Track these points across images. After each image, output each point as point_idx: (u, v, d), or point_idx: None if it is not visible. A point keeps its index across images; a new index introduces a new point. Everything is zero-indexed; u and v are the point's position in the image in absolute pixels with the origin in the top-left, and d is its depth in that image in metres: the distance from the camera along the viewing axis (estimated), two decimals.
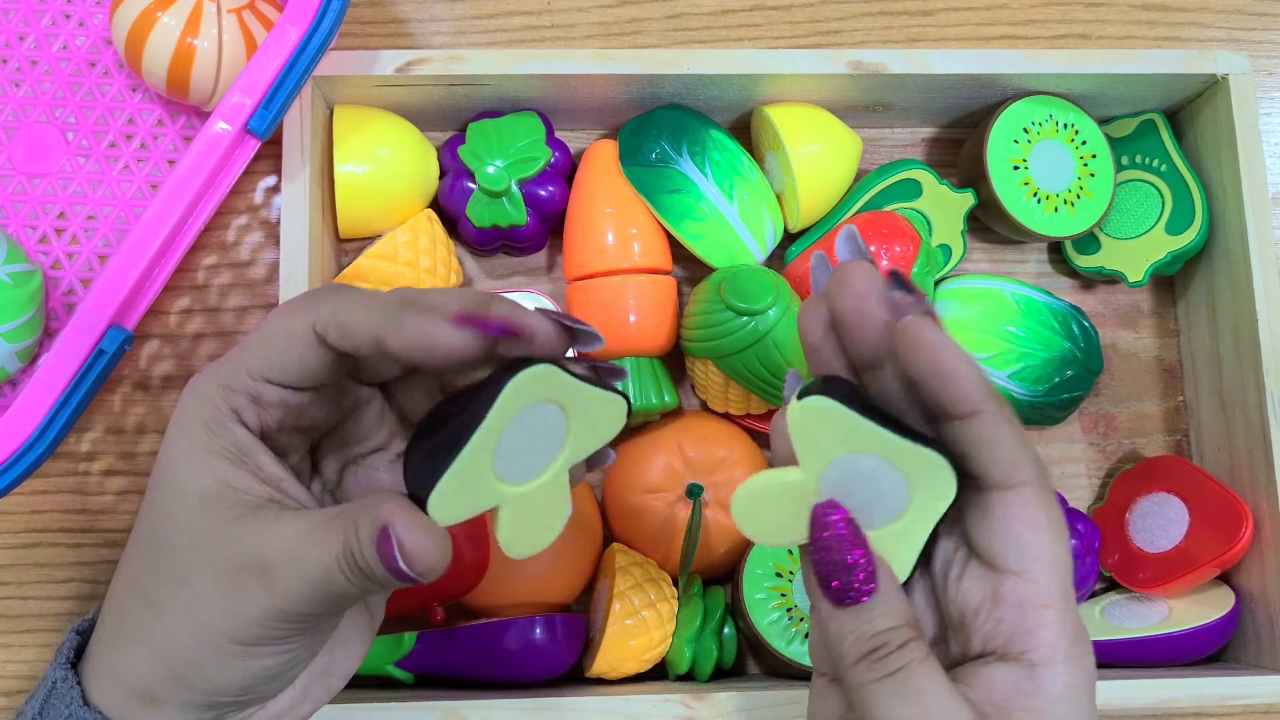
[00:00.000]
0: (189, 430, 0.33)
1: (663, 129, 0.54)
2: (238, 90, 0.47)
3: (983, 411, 0.30)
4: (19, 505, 0.55)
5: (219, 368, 0.33)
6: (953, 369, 0.30)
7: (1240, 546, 0.52)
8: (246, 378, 0.32)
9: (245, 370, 0.32)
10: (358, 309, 0.31)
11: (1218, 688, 0.50)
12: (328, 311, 0.32)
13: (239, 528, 0.32)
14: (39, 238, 0.56)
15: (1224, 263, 0.55)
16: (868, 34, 0.61)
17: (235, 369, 0.33)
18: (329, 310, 0.32)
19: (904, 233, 0.53)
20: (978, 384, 0.30)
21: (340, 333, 0.31)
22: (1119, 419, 0.59)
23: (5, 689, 0.54)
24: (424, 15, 0.60)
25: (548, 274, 0.58)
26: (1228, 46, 0.62)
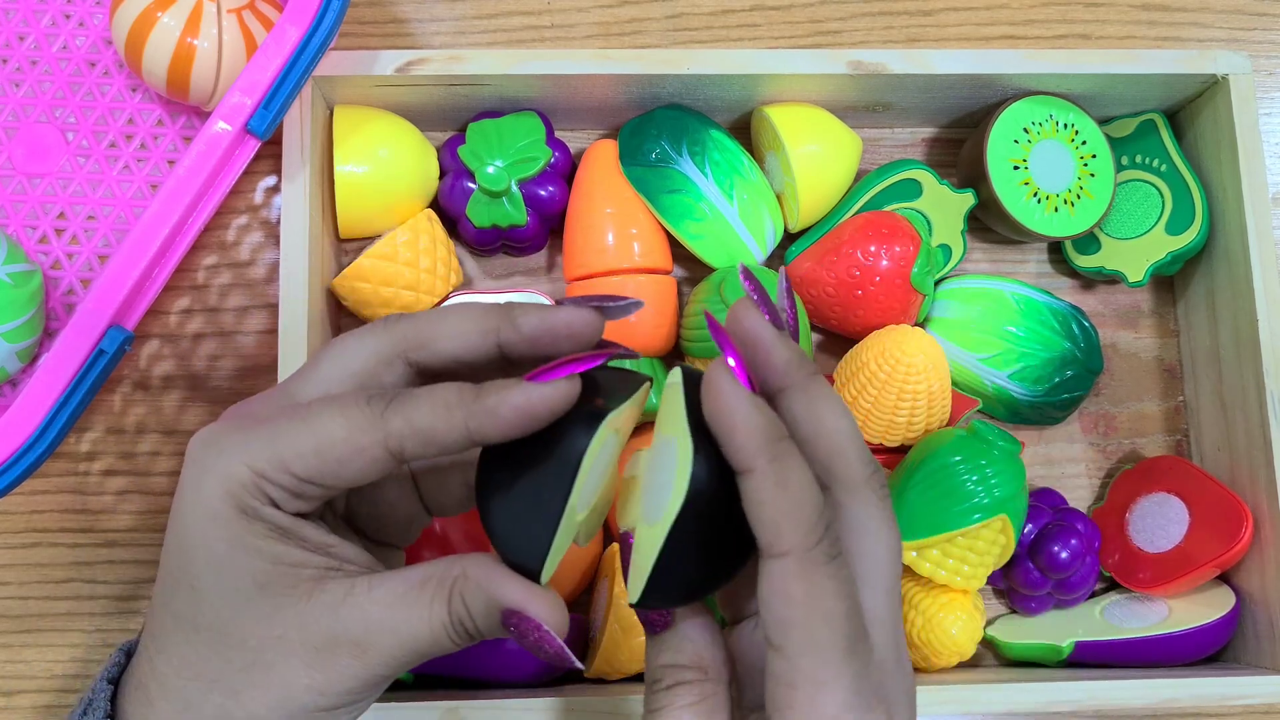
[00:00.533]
0: (219, 516, 0.31)
1: (663, 129, 0.54)
2: (238, 90, 0.47)
3: (751, 471, 0.28)
4: (19, 505, 0.55)
5: (246, 446, 0.31)
6: (728, 425, 0.28)
7: (1240, 546, 0.52)
8: (289, 476, 0.31)
9: (290, 471, 0.31)
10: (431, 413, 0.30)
11: (1218, 688, 0.50)
12: (401, 427, 0.30)
13: (313, 606, 0.31)
14: (39, 238, 0.56)
15: (1224, 263, 0.55)
16: (868, 34, 0.61)
17: (274, 465, 0.30)
18: (402, 426, 0.30)
19: (904, 233, 0.53)
20: (754, 440, 0.28)
21: (422, 444, 0.30)
22: (1119, 419, 0.59)
23: (5, 689, 0.54)
24: (424, 15, 0.60)
25: (548, 274, 0.58)
26: (1228, 46, 0.62)
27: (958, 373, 0.55)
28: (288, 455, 0.30)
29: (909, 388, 0.51)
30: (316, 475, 0.31)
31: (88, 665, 0.54)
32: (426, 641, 0.31)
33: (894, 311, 0.53)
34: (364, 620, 0.31)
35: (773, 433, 0.28)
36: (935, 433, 0.53)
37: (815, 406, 0.30)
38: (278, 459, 0.30)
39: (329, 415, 0.31)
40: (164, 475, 0.56)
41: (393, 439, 0.30)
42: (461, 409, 0.30)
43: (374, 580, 0.32)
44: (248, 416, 0.32)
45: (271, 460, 0.30)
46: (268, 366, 0.57)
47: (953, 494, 0.50)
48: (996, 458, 0.50)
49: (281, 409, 0.32)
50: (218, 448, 0.31)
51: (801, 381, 0.30)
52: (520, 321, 0.32)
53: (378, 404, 0.31)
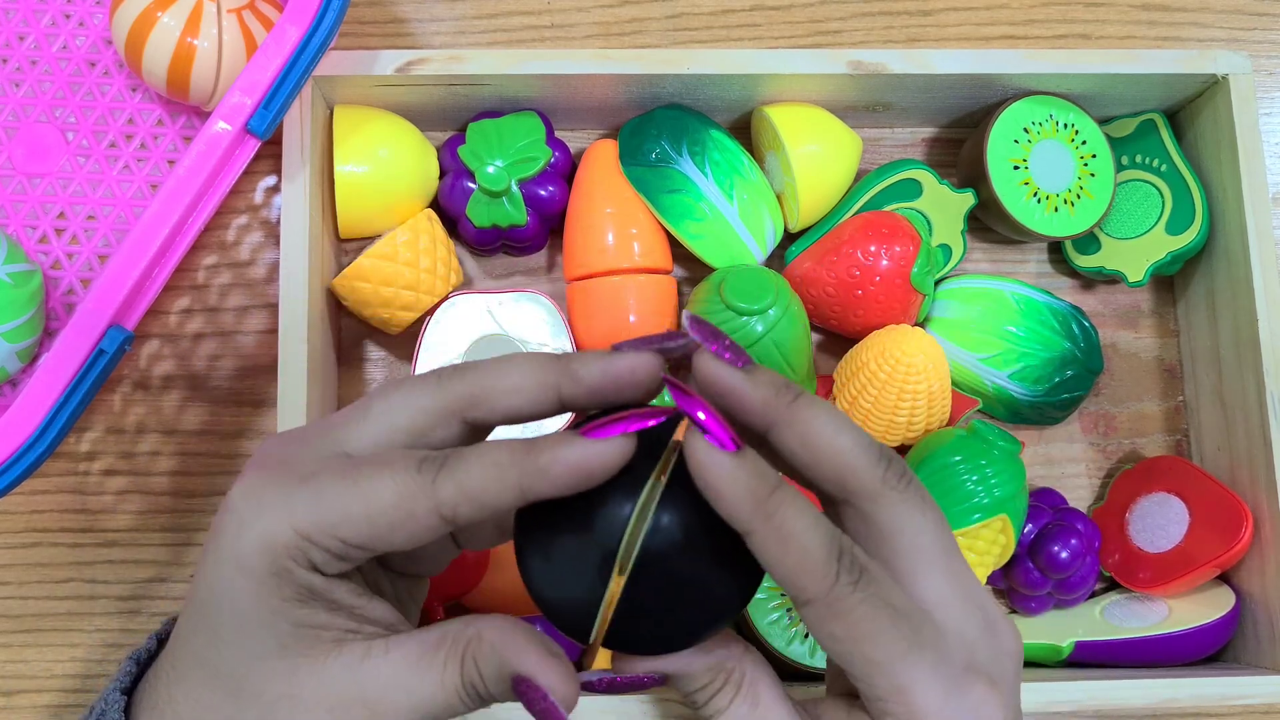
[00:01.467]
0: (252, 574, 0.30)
1: (663, 129, 0.54)
2: (238, 90, 0.47)
3: (750, 534, 0.29)
4: (19, 505, 0.55)
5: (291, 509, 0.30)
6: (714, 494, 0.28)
7: (1240, 546, 0.52)
8: (338, 543, 0.30)
9: (338, 535, 0.30)
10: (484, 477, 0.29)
11: (1218, 688, 0.50)
12: (452, 493, 0.29)
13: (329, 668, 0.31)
14: (39, 238, 0.56)
15: (1224, 263, 0.55)
16: (868, 34, 0.61)
17: (321, 527, 0.30)
18: (453, 491, 0.29)
19: (904, 233, 0.53)
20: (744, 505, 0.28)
21: (475, 508, 0.30)
22: (1119, 419, 0.59)
23: (5, 689, 0.54)
24: (424, 15, 0.60)
25: (548, 274, 0.58)
26: (1228, 46, 0.62)
27: (958, 373, 0.55)
28: (336, 520, 0.30)
29: (909, 388, 0.51)
30: (366, 542, 0.30)
31: (88, 665, 0.54)
32: (439, 704, 0.31)
33: (894, 311, 0.53)
34: (378, 682, 0.31)
35: (761, 491, 0.28)
36: (935, 433, 0.53)
37: (806, 433, 0.30)
38: (325, 523, 0.30)
39: (379, 481, 0.30)
40: (164, 475, 0.56)
41: (446, 506, 0.30)
42: (515, 469, 0.29)
43: (391, 643, 0.31)
44: (290, 468, 0.31)
45: (318, 524, 0.30)
46: (268, 366, 0.57)
47: (953, 494, 0.50)
48: (996, 458, 0.50)
49: (326, 465, 0.31)
50: (260, 502, 0.30)
51: (785, 413, 0.30)
52: (581, 374, 0.31)
53: (429, 470, 0.30)
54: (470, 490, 0.29)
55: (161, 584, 0.55)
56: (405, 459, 0.30)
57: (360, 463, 0.31)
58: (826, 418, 0.30)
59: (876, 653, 0.29)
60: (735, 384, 0.30)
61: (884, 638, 0.29)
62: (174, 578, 0.55)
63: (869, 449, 0.31)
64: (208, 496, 0.56)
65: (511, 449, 0.29)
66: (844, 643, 0.29)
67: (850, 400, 0.53)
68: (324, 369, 0.53)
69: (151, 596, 0.55)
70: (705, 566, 0.30)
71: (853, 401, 0.53)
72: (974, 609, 0.31)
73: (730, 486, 0.28)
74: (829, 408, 0.31)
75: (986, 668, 0.31)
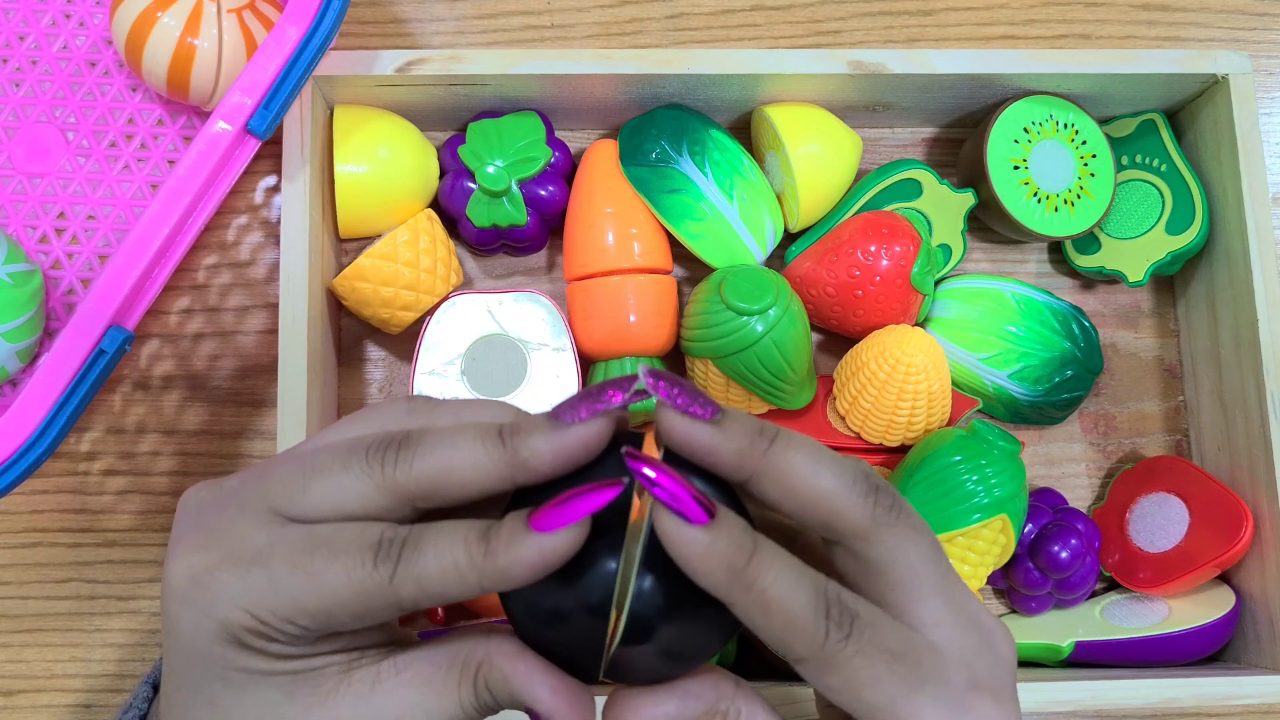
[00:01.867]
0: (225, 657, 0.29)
1: (663, 129, 0.54)
2: (238, 90, 0.47)
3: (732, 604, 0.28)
4: (19, 505, 0.55)
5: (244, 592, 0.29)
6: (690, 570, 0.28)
7: (1240, 546, 0.52)
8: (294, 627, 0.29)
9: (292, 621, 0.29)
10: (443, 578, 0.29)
11: (1218, 688, 0.50)
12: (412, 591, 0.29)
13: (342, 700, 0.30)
14: (39, 238, 0.56)
15: (1224, 263, 0.55)
16: (867, 34, 0.61)
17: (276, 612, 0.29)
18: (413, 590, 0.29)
19: (904, 233, 0.53)
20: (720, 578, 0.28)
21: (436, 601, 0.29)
22: (1119, 419, 0.59)
23: (5, 689, 0.54)
24: (424, 15, 0.60)
25: (548, 274, 0.58)
26: (1228, 46, 0.62)
27: (958, 372, 0.55)
28: (291, 610, 0.29)
29: (909, 387, 0.51)
30: (325, 628, 0.30)
31: (87, 665, 0.54)
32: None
33: (894, 311, 0.53)
34: (395, 705, 0.30)
35: (737, 562, 0.28)
36: (935, 432, 0.53)
37: (786, 482, 0.29)
38: (280, 612, 0.29)
39: (333, 572, 0.29)
40: (164, 475, 0.56)
41: (406, 602, 0.29)
42: (474, 572, 0.29)
43: (398, 663, 0.31)
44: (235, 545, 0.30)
45: (275, 611, 0.29)
46: (268, 366, 0.57)
47: (953, 494, 0.50)
48: (996, 457, 0.50)
49: (275, 545, 0.29)
50: (209, 590, 0.29)
51: (762, 463, 0.29)
52: (533, 464, 0.29)
53: (385, 565, 0.29)
54: (429, 589, 0.29)
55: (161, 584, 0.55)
56: (358, 547, 0.29)
57: (312, 546, 0.29)
58: (805, 460, 0.29)
59: (878, 697, 0.29)
60: (706, 441, 0.29)
61: (883, 683, 0.29)
62: None
63: (853, 486, 0.29)
64: None
65: (468, 547, 0.29)
66: (843, 693, 0.29)
67: (850, 400, 0.53)
68: (324, 369, 0.53)
69: (151, 596, 0.55)
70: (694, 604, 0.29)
71: (853, 401, 0.53)
72: (969, 623, 0.31)
73: (703, 563, 0.28)
74: (808, 448, 0.30)
75: (988, 682, 0.30)
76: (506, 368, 0.53)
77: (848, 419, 0.54)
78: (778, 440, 0.29)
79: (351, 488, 0.30)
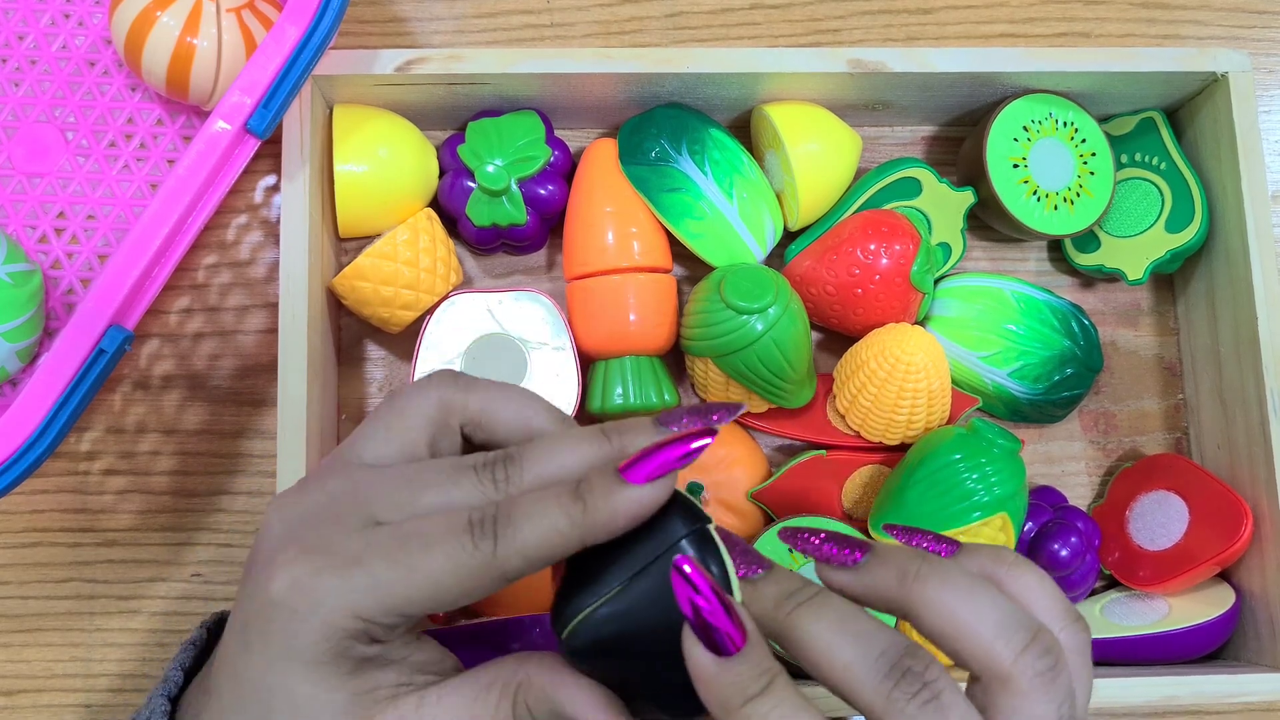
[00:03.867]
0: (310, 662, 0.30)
1: (662, 128, 0.54)
2: (237, 89, 0.47)
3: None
4: (19, 505, 0.55)
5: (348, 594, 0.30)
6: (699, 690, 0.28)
7: (1240, 544, 0.52)
8: (400, 617, 0.30)
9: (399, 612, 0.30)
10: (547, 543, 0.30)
11: (1218, 685, 0.50)
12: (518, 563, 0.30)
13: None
14: (39, 237, 0.56)
15: (1223, 261, 0.55)
16: (867, 32, 0.61)
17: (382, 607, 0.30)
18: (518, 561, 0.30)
19: (904, 231, 0.53)
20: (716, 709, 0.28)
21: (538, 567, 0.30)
22: (1119, 417, 0.59)
23: (5, 689, 0.54)
24: (423, 14, 0.60)
25: (547, 273, 0.58)
26: (1227, 44, 0.62)
27: (957, 371, 0.55)
28: (398, 602, 0.30)
29: (909, 386, 0.51)
30: (430, 610, 0.30)
31: (88, 665, 0.54)
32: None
33: (894, 310, 0.53)
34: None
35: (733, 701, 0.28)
36: (935, 431, 0.53)
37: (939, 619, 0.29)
38: (387, 605, 0.30)
39: (434, 561, 0.30)
40: (164, 475, 0.56)
41: (511, 573, 0.30)
42: (576, 530, 0.29)
43: (443, 690, 0.31)
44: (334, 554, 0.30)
45: (380, 606, 0.30)
46: (268, 366, 0.57)
47: (953, 492, 0.50)
48: (996, 456, 0.50)
49: (370, 546, 0.30)
50: (314, 595, 0.30)
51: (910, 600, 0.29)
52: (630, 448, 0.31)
53: (484, 543, 0.30)
54: (533, 555, 0.30)
55: (161, 583, 0.55)
56: (452, 532, 0.30)
57: (406, 540, 0.30)
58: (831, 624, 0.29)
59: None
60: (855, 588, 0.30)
61: None
62: (174, 577, 0.55)
63: (1009, 637, 0.28)
64: (208, 496, 0.56)
65: (565, 508, 0.29)
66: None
67: (850, 399, 0.53)
68: (324, 368, 0.53)
69: (151, 596, 0.55)
70: None
71: (852, 400, 0.53)
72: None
73: (706, 690, 0.28)
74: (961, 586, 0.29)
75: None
76: (506, 367, 0.53)
77: (847, 417, 0.54)
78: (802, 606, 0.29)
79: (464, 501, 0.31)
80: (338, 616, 0.30)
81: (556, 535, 0.29)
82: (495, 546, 0.29)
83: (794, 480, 0.54)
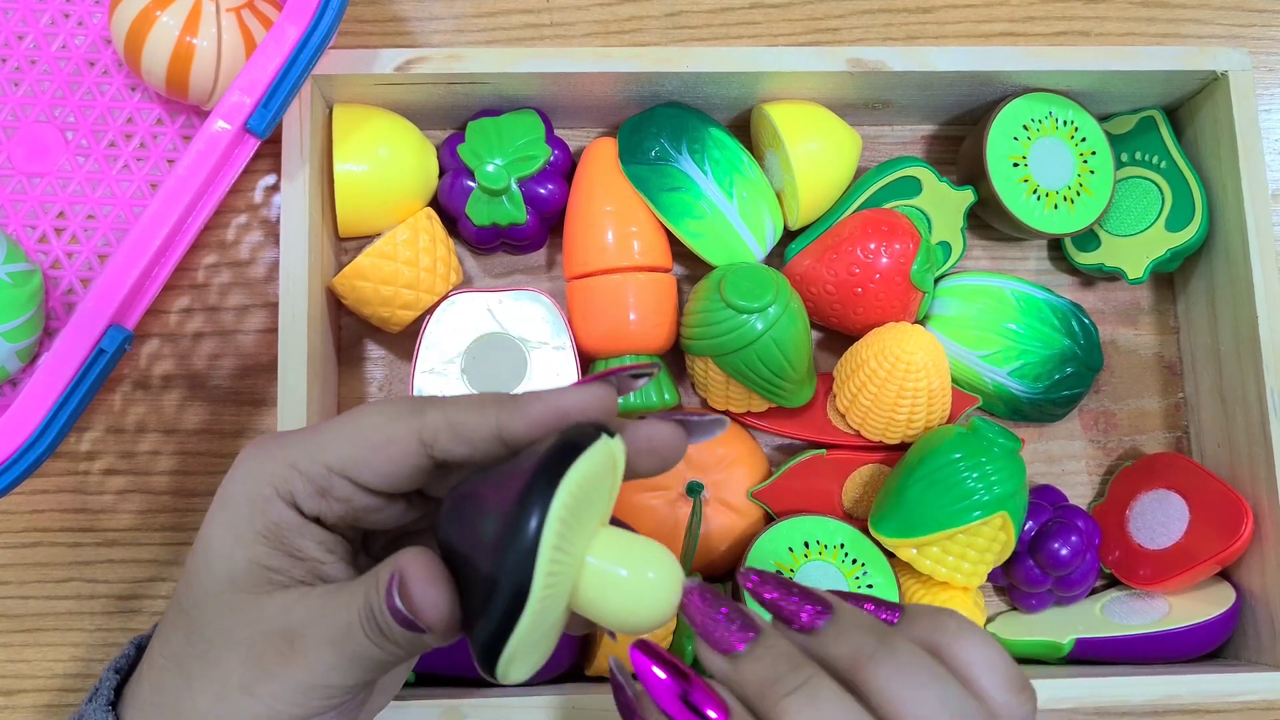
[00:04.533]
0: (232, 503, 0.32)
1: (662, 127, 0.54)
2: (237, 89, 0.47)
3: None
4: (19, 505, 0.55)
5: (285, 445, 0.32)
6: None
7: (1240, 543, 0.52)
8: (322, 468, 0.31)
9: (323, 460, 0.31)
10: (467, 407, 0.31)
11: (1218, 684, 0.50)
12: (436, 418, 0.31)
13: (266, 605, 0.31)
14: (39, 237, 0.56)
15: (1224, 259, 0.55)
16: (867, 31, 0.61)
17: (309, 454, 0.31)
18: (437, 416, 0.31)
19: (904, 230, 0.53)
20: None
21: (453, 436, 0.31)
22: (1119, 416, 0.59)
23: (6, 688, 0.54)
24: (423, 14, 0.60)
25: (547, 272, 0.58)
26: (1227, 43, 0.62)
27: (958, 370, 0.55)
28: (325, 444, 0.31)
29: (909, 385, 0.51)
30: (348, 463, 0.31)
31: (89, 664, 0.54)
32: (344, 632, 0.30)
33: (894, 309, 0.53)
34: (301, 615, 0.31)
35: None
36: (935, 430, 0.53)
37: None
38: (313, 450, 0.31)
39: (371, 413, 0.32)
40: (164, 474, 0.56)
41: (427, 430, 0.31)
42: (495, 405, 0.31)
43: (331, 585, 0.32)
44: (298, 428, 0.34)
45: (308, 452, 0.31)
46: (268, 365, 0.57)
47: (953, 491, 0.50)
48: (996, 455, 0.50)
49: (327, 420, 0.33)
50: (261, 446, 0.33)
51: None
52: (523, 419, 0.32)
53: (418, 404, 0.32)
54: (453, 418, 0.31)
55: (161, 583, 0.55)
56: (394, 402, 0.32)
57: (357, 412, 0.32)
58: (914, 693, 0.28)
59: None
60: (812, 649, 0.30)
61: None
62: (174, 577, 0.55)
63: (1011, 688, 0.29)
64: (208, 496, 0.56)
65: (495, 398, 0.31)
66: None
67: (850, 398, 0.53)
68: (324, 367, 0.53)
69: (151, 596, 0.55)
70: None
71: (852, 399, 0.53)
72: None
73: None
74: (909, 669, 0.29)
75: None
76: (506, 366, 0.53)
77: (847, 417, 0.54)
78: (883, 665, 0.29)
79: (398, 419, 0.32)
80: (268, 461, 0.32)
81: (477, 404, 0.31)
82: (425, 409, 0.31)
83: (794, 479, 0.54)
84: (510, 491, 0.28)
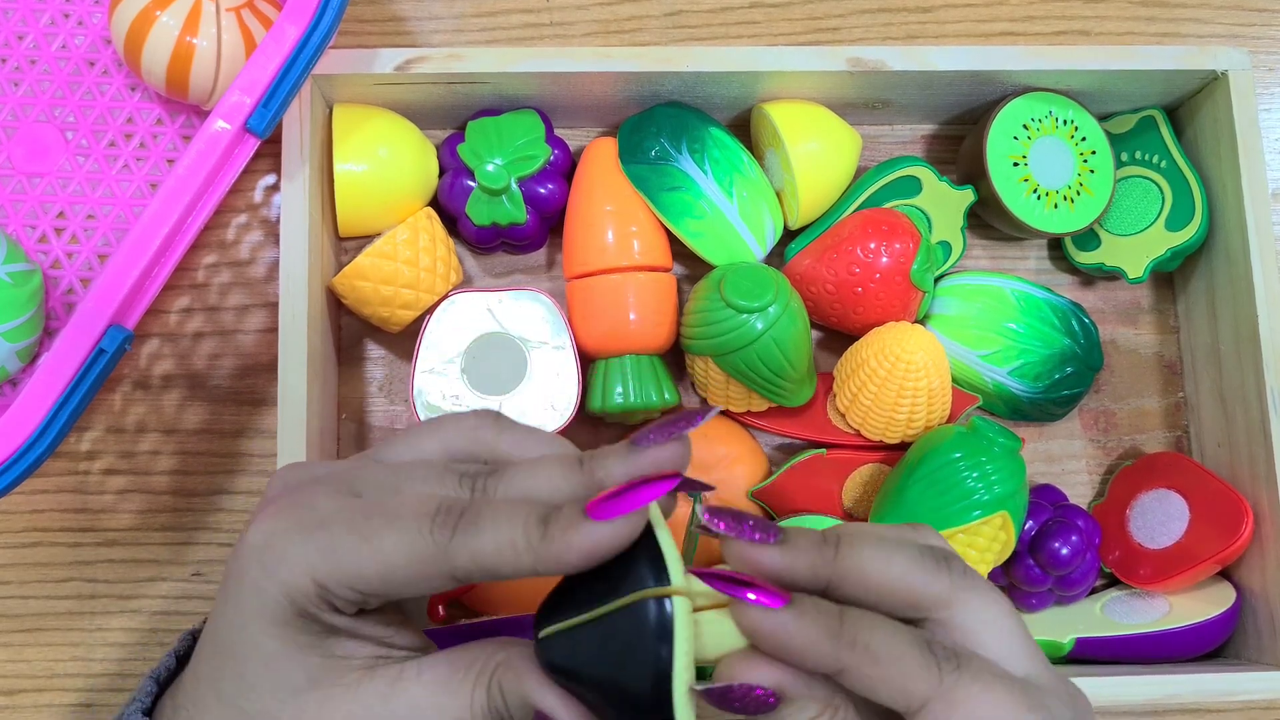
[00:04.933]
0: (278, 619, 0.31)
1: (662, 127, 0.54)
2: (237, 89, 0.47)
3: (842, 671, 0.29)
4: (19, 505, 0.55)
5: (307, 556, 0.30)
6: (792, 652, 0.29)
7: (1241, 542, 0.52)
8: (352, 591, 0.30)
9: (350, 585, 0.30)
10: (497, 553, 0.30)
11: (1218, 684, 0.50)
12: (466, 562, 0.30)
13: (361, 695, 0.31)
14: (39, 237, 0.56)
15: (1224, 259, 0.55)
16: (867, 31, 0.61)
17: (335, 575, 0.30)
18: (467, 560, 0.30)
19: (904, 229, 0.53)
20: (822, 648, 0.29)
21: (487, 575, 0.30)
22: (1119, 415, 0.59)
23: (5, 688, 0.54)
24: (423, 13, 0.60)
25: (547, 272, 0.58)
26: (1227, 43, 0.62)
27: (958, 369, 0.55)
28: (349, 573, 0.30)
29: (909, 385, 0.51)
30: (380, 593, 0.31)
31: (89, 664, 0.54)
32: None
33: (894, 308, 0.53)
34: (410, 705, 0.31)
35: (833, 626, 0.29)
36: (935, 430, 0.53)
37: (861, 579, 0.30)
38: (340, 574, 0.30)
39: (392, 539, 0.30)
40: (164, 474, 0.56)
41: (459, 572, 0.30)
42: (529, 554, 0.29)
43: (421, 665, 0.32)
44: (304, 513, 0.31)
45: (333, 575, 0.30)
46: (268, 365, 0.57)
47: (953, 491, 0.50)
48: (997, 454, 0.50)
49: (339, 511, 0.31)
50: (279, 553, 0.31)
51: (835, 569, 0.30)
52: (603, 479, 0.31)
53: (442, 533, 0.30)
54: (483, 563, 0.30)
55: (161, 583, 0.55)
56: (416, 515, 0.30)
57: (371, 512, 0.31)
58: (874, 554, 0.30)
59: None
60: (776, 564, 0.30)
61: (1005, 705, 0.29)
62: (174, 577, 0.55)
63: (924, 562, 0.30)
64: (208, 495, 0.56)
65: (527, 530, 0.29)
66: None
67: (850, 397, 0.53)
68: (324, 367, 0.53)
69: (151, 596, 0.55)
70: None
71: (852, 399, 0.53)
72: (1058, 680, 0.31)
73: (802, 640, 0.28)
74: (872, 541, 0.30)
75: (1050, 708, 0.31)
76: (506, 366, 0.53)
77: (847, 416, 0.54)
78: (842, 543, 0.30)
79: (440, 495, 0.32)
80: (296, 576, 0.30)
81: (510, 550, 0.29)
82: (450, 539, 0.30)
83: (794, 479, 0.54)
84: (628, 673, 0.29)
